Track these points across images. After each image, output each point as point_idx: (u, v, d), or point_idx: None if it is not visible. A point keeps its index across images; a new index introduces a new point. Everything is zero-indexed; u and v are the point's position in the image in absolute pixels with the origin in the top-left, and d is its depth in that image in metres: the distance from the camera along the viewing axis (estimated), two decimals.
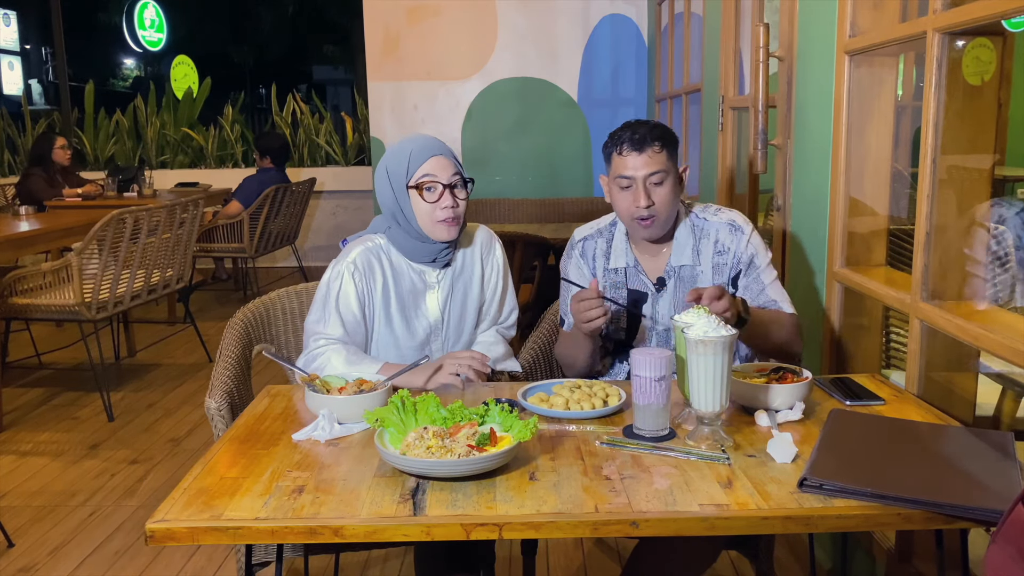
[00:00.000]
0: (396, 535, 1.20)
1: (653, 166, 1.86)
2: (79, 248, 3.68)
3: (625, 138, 1.88)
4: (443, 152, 1.89)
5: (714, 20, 3.47)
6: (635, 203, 1.88)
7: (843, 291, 2.24)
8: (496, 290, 2.07)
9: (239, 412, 1.73)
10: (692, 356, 1.44)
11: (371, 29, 5.53)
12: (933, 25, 1.72)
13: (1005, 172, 3.74)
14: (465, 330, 2.03)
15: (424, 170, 1.86)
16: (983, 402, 2.11)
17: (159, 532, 1.19)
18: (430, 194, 1.85)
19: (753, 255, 1.95)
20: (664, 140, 1.89)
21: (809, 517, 1.21)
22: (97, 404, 3.89)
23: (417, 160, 1.86)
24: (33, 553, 2.63)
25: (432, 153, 1.87)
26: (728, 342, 1.43)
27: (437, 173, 1.86)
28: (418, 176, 1.86)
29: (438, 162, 1.87)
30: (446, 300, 1.98)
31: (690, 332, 1.45)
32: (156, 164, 8.63)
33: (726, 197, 3.39)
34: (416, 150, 1.87)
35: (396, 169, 1.88)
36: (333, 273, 1.91)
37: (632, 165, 1.87)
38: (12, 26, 13.78)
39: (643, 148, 1.86)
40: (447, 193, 1.86)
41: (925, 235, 1.79)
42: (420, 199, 1.86)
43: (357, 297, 1.89)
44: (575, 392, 1.63)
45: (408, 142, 1.91)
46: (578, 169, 5.66)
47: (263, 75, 16.37)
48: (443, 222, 1.87)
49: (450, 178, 1.87)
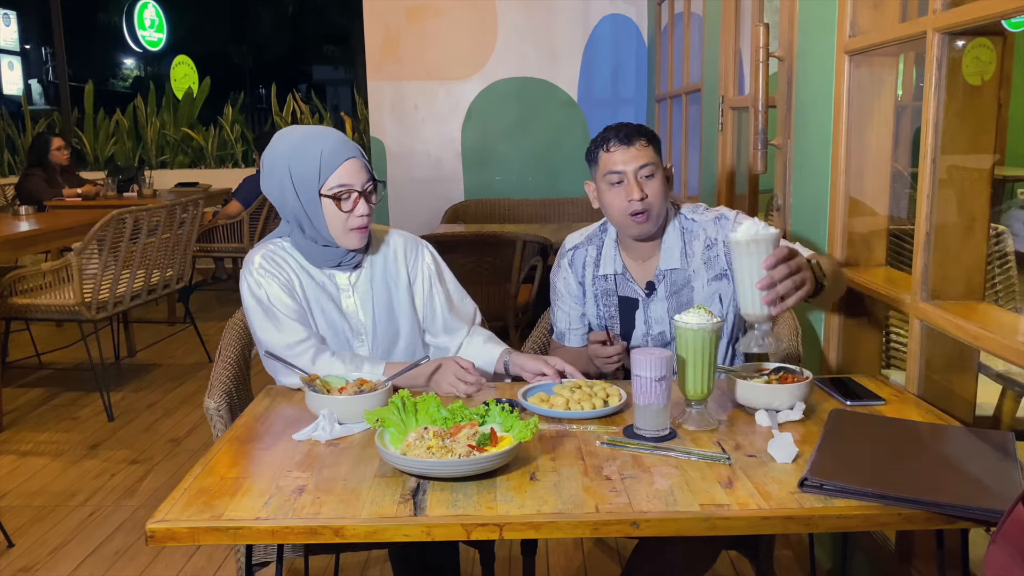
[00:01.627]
0: (397, 535, 1.20)
1: (643, 159, 1.86)
2: (79, 248, 3.68)
3: (611, 136, 1.89)
4: (355, 153, 1.74)
5: (714, 20, 3.47)
6: (628, 197, 1.86)
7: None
8: (433, 293, 1.94)
9: (238, 412, 1.73)
10: (741, 258, 1.51)
11: (371, 29, 5.53)
12: (933, 25, 1.72)
13: (1005, 172, 3.75)
14: (400, 339, 1.91)
15: (339, 177, 1.71)
16: (983, 402, 2.11)
17: (159, 532, 1.19)
18: (346, 203, 1.72)
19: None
20: (649, 137, 1.90)
21: (809, 517, 1.21)
22: (97, 404, 3.89)
23: (330, 165, 1.70)
24: (33, 553, 2.63)
25: (346, 156, 1.72)
26: (776, 238, 1.52)
27: (352, 181, 1.72)
28: (332, 184, 1.70)
29: (352, 167, 1.72)
30: (366, 303, 1.87)
31: (739, 232, 1.52)
32: (156, 164, 8.64)
33: (726, 197, 3.39)
34: (328, 152, 1.71)
35: (303, 172, 1.71)
36: (249, 284, 1.78)
37: (622, 159, 1.86)
38: (12, 26, 13.79)
39: (631, 142, 1.87)
40: (362, 201, 1.73)
41: (925, 235, 1.79)
42: (335, 208, 1.71)
43: (285, 291, 1.77)
44: (575, 392, 1.63)
45: (315, 140, 1.73)
46: (578, 169, 5.59)
47: (263, 75, 16.38)
48: (355, 230, 1.75)
49: (364, 184, 1.74)
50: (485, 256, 3.89)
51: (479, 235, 4.08)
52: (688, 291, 1.96)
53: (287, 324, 1.76)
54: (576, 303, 2.06)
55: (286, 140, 1.75)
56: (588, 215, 2.20)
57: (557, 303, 2.09)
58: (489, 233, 4.01)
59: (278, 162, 1.74)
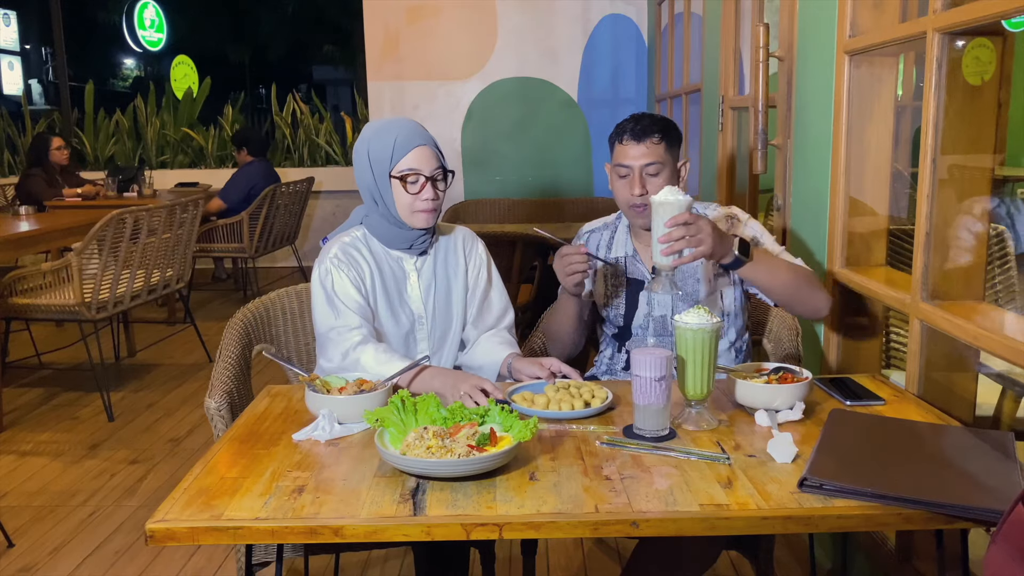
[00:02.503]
0: (396, 535, 1.20)
1: (650, 157, 1.94)
2: (79, 248, 3.68)
3: (627, 128, 1.96)
4: (427, 142, 1.87)
5: (714, 20, 3.47)
6: (630, 191, 1.95)
7: (843, 291, 2.24)
8: (479, 284, 2.04)
9: (239, 412, 1.73)
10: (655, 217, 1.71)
11: (371, 29, 5.53)
12: (933, 25, 1.72)
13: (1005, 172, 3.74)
14: (452, 327, 2.00)
15: (408, 162, 1.84)
16: (983, 402, 2.11)
17: (159, 532, 1.19)
18: (412, 186, 1.84)
19: (755, 236, 2.01)
20: (664, 133, 1.95)
21: (809, 517, 1.21)
22: (97, 404, 3.89)
23: (401, 150, 1.84)
24: (33, 553, 2.63)
25: (417, 143, 1.85)
26: (684, 204, 1.68)
27: (420, 166, 1.84)
28: (402, 167, 1.84)
29: (422, 153, 1.85)
30: (428, 290, 1.97)
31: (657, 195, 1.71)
32: (156, 164, 8.63)
33: (726, 197, 3.39)
34: (401, 138, 1.84)
35: (379, 155, 1.86)
36: (321, 271, 1.89)
37: (631, 155, 1.95)
38: (12, 26, 13.80)
39: (642, 139, 1.94)
40: (429, 185, 1.85)
41: (925, 235, 1.79)
42: (402, 189, 1.84)
43: (353, 285, 1.88)
44: (559, 392, 1.62)
45: (392, 127, 1.87)
46: (578, 169, 5.66)
47: (263, 75, 16.37)
48: (420, 212, 1.86)
49: (432, 171, 1.85)
50: None
51: (479, 235, 4.07)
52: (694, 281, 2.01)
53: (344, 312, 1.86)
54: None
55: (370, 127, 1.94)
56: (588, 215, 2.22)
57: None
58: (489, 233, 4.00)
59: (361, 145, 1.91)
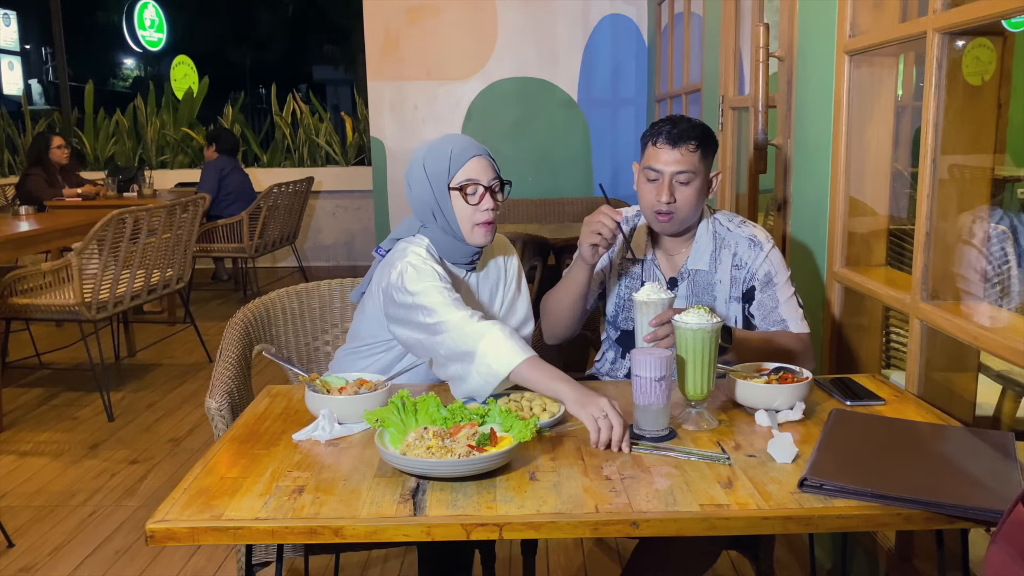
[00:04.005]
0: (396, 535, 1.20)
1: (683, 164, 1.86)
2: (79, 248, 3.68)
3: (664, 131, 1.88)
4: (483, 153, 1.87)
5: (714, 20, 3.47)
6: (657, 197, 1.88)
7: (843, 291, 2.24)
8: (510, 292, 2.04)
9: (239, 412, 1.73)
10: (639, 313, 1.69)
11: (371, 29, 5.53)
12: (933, 25, 1.72)
13: (1005, 172, 3.74)
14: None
15: (466, 172, 1.83)
16: (983, 402, 2.11)
17: (159, 532, 1.19)
18: (472, 197, 1.83)
19: (770, 272, 1.93)
20: (701, 141, 1.88)
21: (809, 517, 1.21)
22: (97, 404, 3.89)
23: (459, 161, 1.83)
24: (33, 553, 2.63)
25: (473, 154, 1.85)
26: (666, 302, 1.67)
27: (479, 176, 1.83)
28: (460, 178, 1.83)
29: (479, 163, 1.84)
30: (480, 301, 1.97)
31: (640, 293, 1.69)
32: (156, 164, 8.62)
33: (726, 197, 3.39)
34: (457, 150, 1.84)
35: (436, 168, 1.85)
36: (411, 258, 1.82)
37: (663, 159, 1.87)
38: (12, 26, 13.80)
39: (677, 144, 1.86)
40: (487, 195, 1.84)
41: (925, 235, 1.79)
42: (462, 201, 1.83)
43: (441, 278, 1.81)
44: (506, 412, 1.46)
45: (447, 141, 1.88)
46: (578, 169, 5.66)
47: (263, 75, 16.36)
48: (481, 225, 1.85)
49: (490, 180, 1.85)
50: None
51: None
52: (710, 299, 1.96)
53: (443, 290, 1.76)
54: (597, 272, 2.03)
55: (424, 144, 1.93)
56: (588, 215, 2.19)
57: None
58: None
59: (416, 162, 1.90)
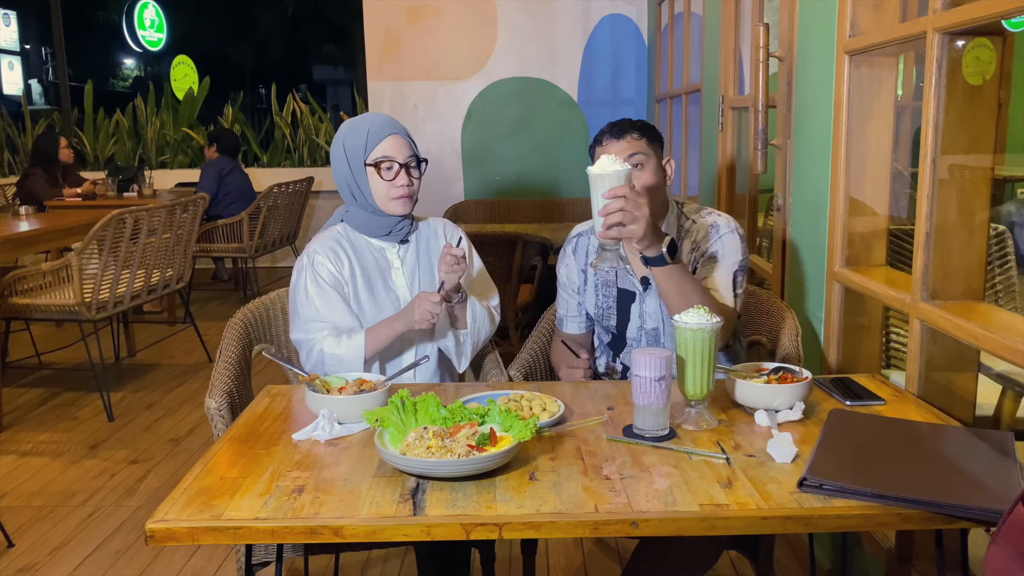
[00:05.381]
0: (396, 535, 1.20)
1: (632, 149, 1.90)
2: (79, 248, 3.68)
3: (606, 131, 1.96)
4: (399, 132, 1.96)
5: (714, 20, 3.47)
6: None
7: (843, 291, 2.24)
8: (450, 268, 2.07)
9: (239, 412, 1.73)
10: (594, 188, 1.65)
11: (371, 29, 5.53)
12: (933, 25, 1.72)
13: (1005, 172, 3.73)
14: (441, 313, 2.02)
15: (381, 150, 1.93)
16: (983, 402, 2.11)
17: (159, 532, 1.19)
18: (387, 172, 1.93)
19: (717, 253, 1.92)
20: (644, 130, 1.93)
21: (809, 517, 1.21)
22: (97, 404, 3.89)
23: (375, 139, 1.93)
24: (33, 553, 2.63)
25: (389, 132, 1.94)
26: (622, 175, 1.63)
27: (394, 153, 1.93)
28: (375, 155, 1.93)
29: (395, 142, 1.94)
30: (412, 277, 2.03)
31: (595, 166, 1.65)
32: (156, 164, 8.63)
33: (726, 197, 3.39)
34: (374, 128, 1.94)
35: (354, 146, 1.95)
36: (303, 263, 1.97)
37: (613, 151, 1.89)
38: (12, 26, 13.79)
39: (622, 135, 1.92)
40: (403, 172, 1.94)
41: (925, 235, 1.79)
42: (377, 177, 1.94)
43: (332, 276, 1.94)
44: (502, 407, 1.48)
45: (365, 120, 1.98)
46: (578, 169, 5.58)
47: (263, 75, 16.36)
48: (397, 199, 1.95)
49: (406, 158, 1.95)
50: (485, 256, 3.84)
51: (479, 235, 4.07)
52: None
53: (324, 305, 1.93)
54: (574, 294, 2.10)
55: (345, 123, 2.03)
56: (588, 215, 2.21)
57: (560, 290, 2.15)
58: (489, 233, 4.00)
59: (337, 141, 2.00)
